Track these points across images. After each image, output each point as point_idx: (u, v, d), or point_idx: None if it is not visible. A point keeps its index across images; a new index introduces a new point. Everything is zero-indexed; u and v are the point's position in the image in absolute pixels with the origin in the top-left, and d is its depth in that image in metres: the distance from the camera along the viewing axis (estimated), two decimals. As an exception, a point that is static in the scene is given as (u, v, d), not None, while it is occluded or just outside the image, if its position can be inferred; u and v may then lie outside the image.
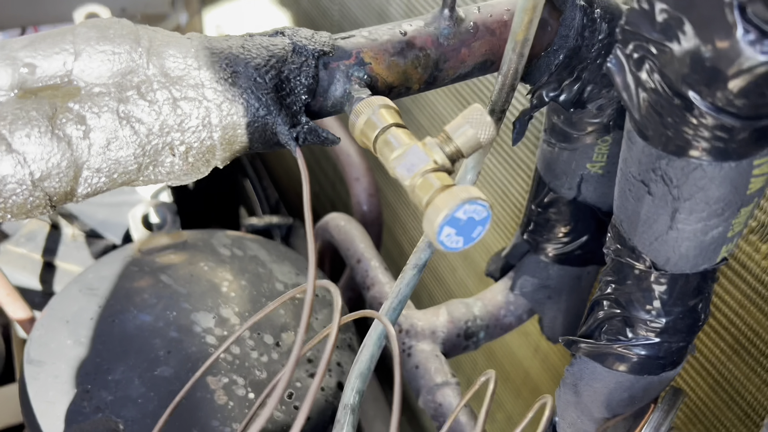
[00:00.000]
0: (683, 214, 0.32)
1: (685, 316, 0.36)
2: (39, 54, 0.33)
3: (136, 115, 0.34)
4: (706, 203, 0.31)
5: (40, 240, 0.85)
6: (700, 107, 0.28)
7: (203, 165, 0.37)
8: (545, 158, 0.55)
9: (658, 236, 0.33)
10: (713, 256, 0.33)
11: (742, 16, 0.25)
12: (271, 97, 0.36)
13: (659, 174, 0.31)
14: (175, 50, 0.35)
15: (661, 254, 0.34)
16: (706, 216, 0.31)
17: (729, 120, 0.28)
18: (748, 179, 0.30)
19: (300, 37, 0.38)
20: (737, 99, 0.27)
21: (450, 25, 0.41)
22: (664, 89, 0.29)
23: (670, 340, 0.37)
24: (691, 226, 0.32)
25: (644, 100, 0.30)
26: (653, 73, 0.29)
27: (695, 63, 0.27)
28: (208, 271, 0.63)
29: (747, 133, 0.28)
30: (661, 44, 0.28)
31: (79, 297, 0.60)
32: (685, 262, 0.34)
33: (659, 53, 0.28)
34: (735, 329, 0.56)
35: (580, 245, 0.58)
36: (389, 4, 0.96)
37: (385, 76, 0.40)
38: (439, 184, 0.31)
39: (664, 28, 0.28)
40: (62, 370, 0.55)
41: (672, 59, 0.28)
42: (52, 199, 0.34)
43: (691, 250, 0.33)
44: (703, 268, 0.34)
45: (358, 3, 1.05)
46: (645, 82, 0.30)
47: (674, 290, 0.35)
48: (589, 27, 0.43)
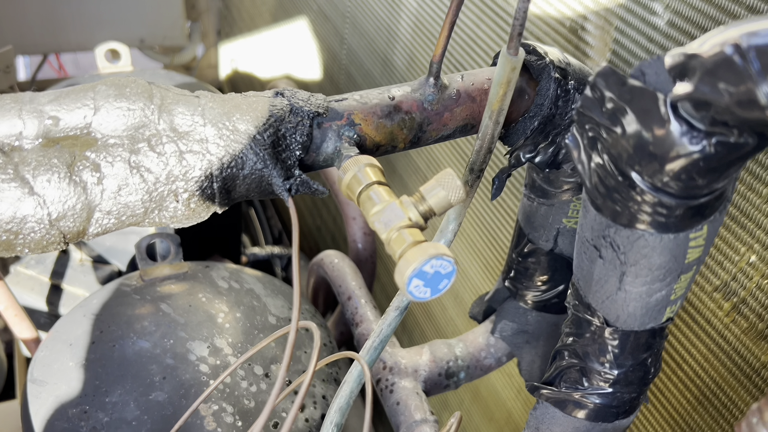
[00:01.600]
0: (630, 278, 0.35)
1: (636, 369, 0.39)
2: (63, 108, 0.37)
3: (145, 165, 0.38)
4: (649, 269, 0.34)
5: (49, 263, 0.89)
6: (641, 186, 0.32)
7: (204, 210, 0.41)
8: (525, 211, 0.58)
9: (608, 296, 0.37)
10: (659, 315, 0.37)
11: (673, 112, 0.29)
12: (268, 152, 0.40)
13: (608, 240, 0.35)
14: (184, 108, 0.39)
15: (611, 312, 0.37)
16: (649, 280, 0.35)
17: (666, 198, 0.31)
18: (686, 249, 0.33)
19: (297, 99, 0.42)
20: (672, 181, 0.31)
21: (434, 91, 0.45)
22: (611, 168, 0.33)
23: (622, 390, 0.40)
24: (636, 289, 0.35)
25: (595, 175, 0.34)
26: (602, 152, 0.33)
27: (637, 147, 0.31)
28: (206, 302, 0.66)
29: (682, 210, 0.32)
30: (609, 128, 0.32)
31: (82, 321, 0.64)
32: (633, 320, 0.37)
33: (607, 136, 0.32)
34: (700, 381, 0.59)
35: (557, 294, 0.62)
36: (393, 53, 1.01)
37: (373, 136, 0.44)
38: (411, 240, 0.35)
39: (611, 114, 0.32)
40: (63, 390, 0.58)
41: (618, 142, 0.32)
42: (65, 237, 0.38)
43: (638, 309, 0.36)
44: (650, 327, 0.37)
45: (365, 50, 1.10)
46: (595, 159, 0.33)
47: (626, 345, 0.39)
48: (563, 97, 0.47)
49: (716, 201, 0.32)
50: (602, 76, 0.32)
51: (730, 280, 0.53)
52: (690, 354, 0.59)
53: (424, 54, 0.92)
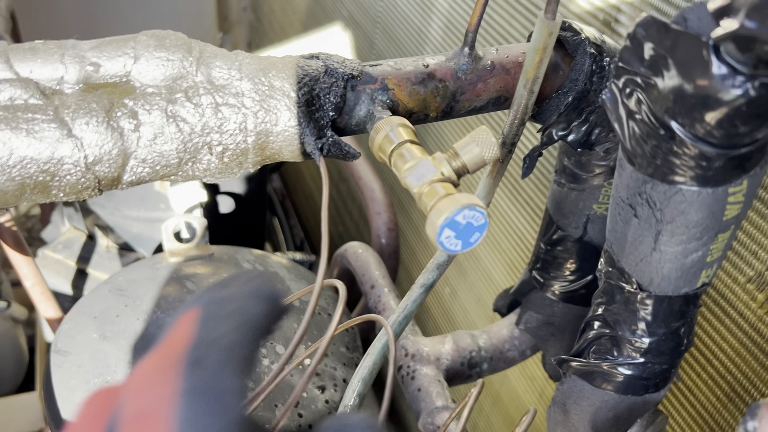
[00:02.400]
0: (665, 237, 0.34)
1: (668, 338, 0.39)
2: (104, 55, 0.38)
3: (181, 115, 0.38)
4: (685, 227, 0.34)
5: (76, 248, 0.90)
6: (681, 136, 0.31)
7: (236, 166, 0.41)
8: (555, 197, 0.58)
9: (643, 257, 0.36)
10: (694, 279, 0.36)
11: (716, 55, 0.29)
12: (302, 110, 0.40)
13: (644, 197, 0.34)
14: (222, 62, 0.40)
15: (645, 275, 0.37)
16: (686, 239, 0.34)
17: (707, 148, 0.31)
18: (724, 205, 0.33)
19: (332, 61, 0.42)
20: (714, 129, 0.30)
21: (469, 61, 0.45)
22: (651, 119, 0.32)
23: (653, 361, 0.39)
24: (672, 248, 0.35)
25: (633, 129, 0.33)
26: (641, 104, 0.33)
27: (677, 96, 0.31)
28: (230, 282, 0.66)
29: (722, 162, 0.31)
30: (648, 78, 0.32)
31: (108, 296, 0.64)
32: (668, 284, 0.36)
33: (646, 87, 0.32)
34: (731, 377, 0.57)
35: (585, 284, 0.61)
36: (423, 54, 1.01)
37: (406, 102, 0.44)
38: (443, 192, 0.35)
39: (651, 64, 0.31)
40: (85, 361, 0.58)
41: (657, 92, 0.31)
42: (100, 182, 0.38)
43: (673, 271, 0.36)
44: (685, 292, 0.37)
45: (394, 54, 1.11)
46: (634, 112, 0.33)
47: (659, 312, 0.38)
48: (598, 73, 0.47)
49: (757, 153, 0.31)
50: (643, 25, 0.32)
51: (765, 271, 0.52)
52: (721, 348, 0.57)
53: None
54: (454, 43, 0.92)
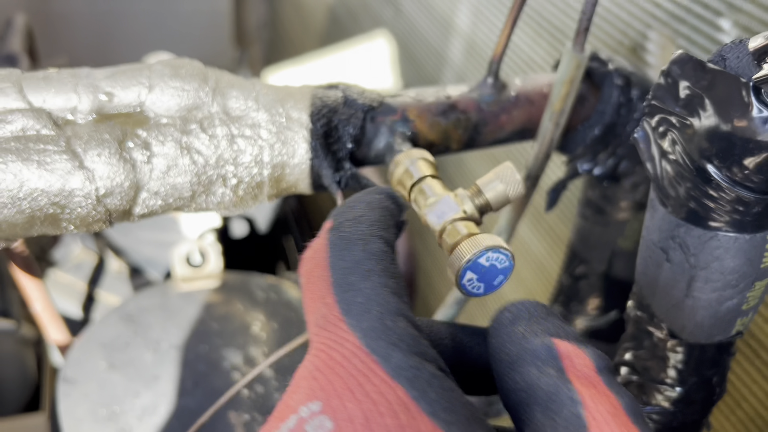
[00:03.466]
0: (699, 283, 0.33)
1: (700, 387, 0.37)
2: (118, 85, 0.37)
3: (196, 147, 0.37)
4: (721, 273, 0.32)
5: (87, 270, 0.89)
6: (718, 180, 0.30)
7: (251, 199, 0.40)
8: (579, 231, 0.56)
9: (675, 303, 0.34)
10: (728, 327, 0.34)
11: (757, 97, 0.27)
12: (320, 142, 0.39)
13: (677, 242, 0.33)
14: (238, 92, 0.39)
15: (677, 321, 0.35)
16: (721, 286, 0.32)
17: (745, 193, 0.29)
18: (762, 252, 0.31)
19: (352, 92, 0.41)
20: (753, 174, 0.29)
21: (492, 92, 0.43)
22: (685, 161, 0.31)
23: (684, 410, 0.37)
24: (706, 295, 0.33)
25: (666, 170, 0.32)
26: (675, 145, 0.31)
27: (714, 138, 0.29)
28: (242, 310, 0.65)
29: (761, 207, 0.30)
30: (684, 119, 0.30)
31: (117, 323, 0.63)
32: (701, 332, 0.34)
33: (681, 127, 0.30)
34: (761, 421, 0.55)
35: (608, 321, 0.59)
36: (443, 78, 1.00)
37: (427, 134, 0.42)
38: (466, 232, 0.33)
39: (687, 104, 0.30)
40: (93, 390, 0.57)
41: (693, 133, 0.30)
42: (111, 216, 0.37)
43: (706, 319, 0.34)
44: (718, 340, 0.35)
45: (413, 76, 1.10)
46: (667, 153, 0.32)
47: (690, 360, 0.36)
48: (626, 105, 0.45)
49: (800, 199, 0.30)
50: (678, 62, 0.30)
51: (796, 310, 0.50)
52: (751, 391, 0.55)
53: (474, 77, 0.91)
54: (474, 64, 0.91)
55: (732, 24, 0.52)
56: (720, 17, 0.53)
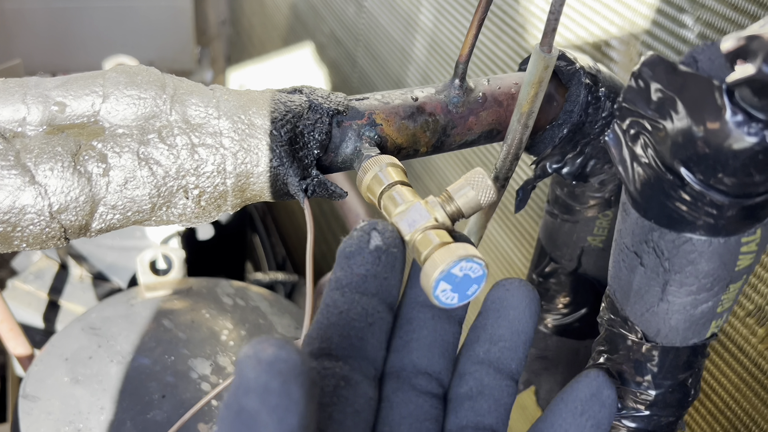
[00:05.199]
0: (674, 287, 0.32)
1: (675, 390, 0.36)
2: (70, 94, 0.35)
3: (155, 158, 0.36)
4: (695, 277, 0.32)
5: (47, 279, 0.86)
6: (691, 183, 0.29)
7: (214, 209, 0.38)
8: (547, 229, 0.56)
9: (649, 307, 0.34)
10: (703, 330, 0.34)
11: (729, 100, 0.27)
12: (284, 149, 0.38)
13: (651, 246, 0.32)
14: (198, 99, 0.37)
15: (652, 326, 0.35)
16: (695, 290, 0.32)
17: (718, 197, 0.29)
18: (737, 256, 0.31)
19: (317, 96, 0.40)
20: (726, 177, 0.28)
21: (459, 94, 0.43)
22: (657, 164, 0.30)
23: (659, 413, 0.37)
24: (681, 299, 0.33)
25: (638, 173, 0.31)
26: (647, 148, 0.31)
27: (687, 141, 0.29)
28: (210, 318, 0.63)
29: (735, 211, 0.29)
30: (655, 121, 0.30)
31: (80, 336, 0.61)
32: (675, 335, 0.34)
33: (653, 130, 0.30)
34: (730, 413, 0.55)
35: (578, 318, 0.59)
36: (406, 75, 0.99)
37: (395, 138, 0.41)
38: (438, 241, 0.32)
39: (658, 106, 0.29)
40: (56, 407, 0.55)
41: (665, 136, 0.29)
42: (66, 232, 0.35)
43: (681, 323, 0.34)
44: (693, 343, 0.35)
45: (377, 73, 1.09)
46: (639, 156, 0.31)
47: (665, 363, 0.36)
48: (593, 104, 0.45)
49: (773, 201, 0.29)
50: (648, 64, 0.30)
51: (765, 305, 0.50)
52: (720, 384, 0.56)
53: (438, 75, 0.90)
54: (439, 61, 0.90)
55: (694, 20, 0.52)
56: (683, 13, 0.53)
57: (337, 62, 1.25)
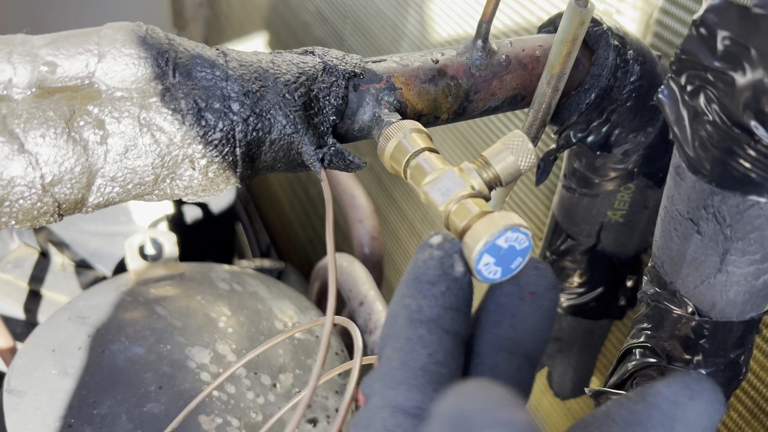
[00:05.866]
0: (734, 256, 0.30)
1: (727, 369, 0.34)
2: (61, 53, 0.32)
3: (157, 123, 0.32)
4: (760, 245, 0.29)
5: (27, 267, 0.82)
6: (763, 139, 0.26)
7: (223, 182, 0.35)
8: (564, 204, 0.53)
9: (704, 279, 0.31)
10: (762, 303, 0.32)
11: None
12: (299, 114, 0.35)
13: (711, 212, 0.30)
14: (203, 60, 0.34)
15: (706, 299, 0.32)
16: (759, 258, 0.30)
17: (792, 154, 0.26)
18: (807, 220, 0.28)
19: (331, 57, 0.37)
20: (802, 131, 0.26)
21: (482, 56, 0.39)
22: (723, 119, 0.27)
23: (708, 393, 0.34)
24: (742, 269, 0.30)
25: (698, 131, 0.29)
26: (711, 103, 0.28)
27: (759, 91, 0.26)
28: (206, 304, 0.60)
29: (810, 170, 0.27)
30: (723, 73, 0.27)
31: (67, 325, 0.57)
32: (732, 309, 0.32)
33: (719, 82, 0.27)
34: (755, 392, 0.53)
35: (594, 297, 0.56)
36: (399, 51, 0.96)
37: (415, 103, 0.38)
38: (478, 210, 0.29)
39: (726, 56, 0.27)
40: (44, 402, 0.51)
41: (734, 88, 0.27)
42: (61, 207, 0.32)
43: (740, 295, 0.31)
44: (750, 317, 0.32)
45: (367, 50, 1.05)
46: (701, 112, 0.28)
47: (716, 340, 0.33)
48: (622, 68, 0.42)
49: None
50: (714, 10, 0.27)
51: (794, 278, 0.48)
52: (743, 362, 0.54)
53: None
54: (433, 37, 0.87)
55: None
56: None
57: (324, 41, 1.20)
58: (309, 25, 1.27)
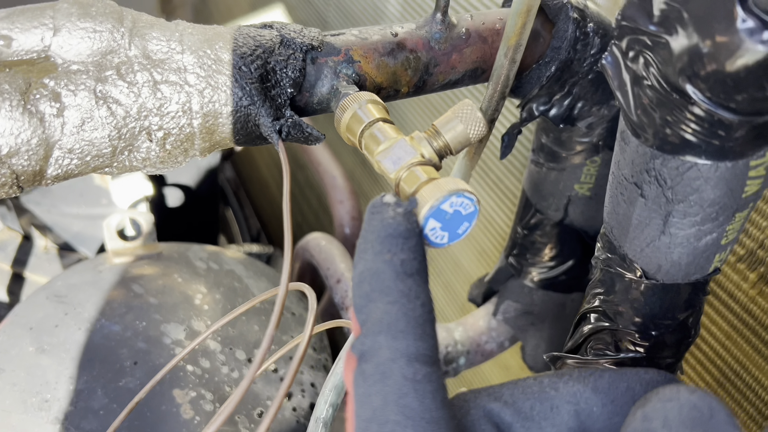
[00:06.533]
0: (676, 218, 0.31)
1: (675, 330, 0.35)
2: (16, 27, 0.32)
3: (113, 96, 0.33)
4: (700, 206, 0.30)
5: (10, 250, 0.83)
6: (699, 102, 0.27)
7: (181, 154, 0.35)
8: (532, 178, 0.54)
9: (650, 242, 0.32)
10: (706, 264, 0.32)
11: (742, 6, 0.25)
12: (255, 87, 0.35)
13: (653, 175, 0.30)
14: (159, 33, 0.34)
15: (652, 261, 0.33)
16: (699, 220, 0.30)
17: (727, 115, 0.27)
18: (744, 181, 0.29)
19: (288, 30, 0.37)
20: (736, 93, 0.26)
21: (442, 29, 0.40)
22: (661, 84, 0.28)
23: (658, 355, 0.35)
24: (684, 231, 0.31)
25: (639, 96, 0.29)
26: (649, 67, 0.28)
27: (694, 56, 0.26)
28: (182, 282, 0.61)
29: (744, 131, 0.27)
30: (659, 37, 0.27)
31: (45, 304, 0.58)
32: (677, 271, 0.32)
33: (656, 47, 0.28)
34: (721, 361, 0.54)
35: (565, 270, 0.57)
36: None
37: (374, 76, 0.39)
38: (426, 177, 0.30)
39: (662, 20, 0.27)
40: (21, 378, 0.52)
41: (670, 53, 0.27)
42: (19, 179, 0.32)
43: (683, 257, 0.32)
44: (695, 279, 0.33)
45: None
46: (641, 77, 0.29)
47: (664, 302, 0.34)
48: (582, 40, 0.43)
49: (784, 120, 0.27)
50: (651, -24, 0.27)
51: (757, 248, 0.49)
52: (709, 332, 0.54)
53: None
54: (413, 17, 0.87)
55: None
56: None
57: (308, 23, 1.21)
58: (293, 8, 1.27)
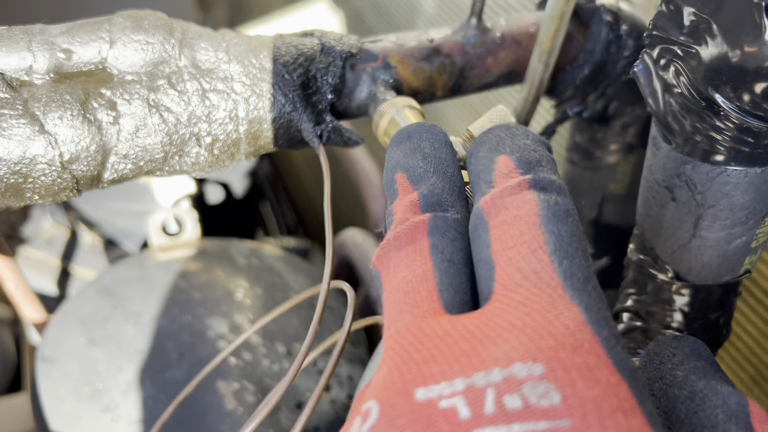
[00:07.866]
0: (707, 222, 0.31)
1: (707, 330, 0.36)
2: (76, 41, 0.34)
3: (165, 104, 0.35)
4: (730, 210, 0.30)
5: (59, 245, 0.86)
6: (727, 111, 0.28)
7: (228, 158, 0.37)
8: (566, 177, 0.55)
9: (681, 244, 0.33)
10: (736, 267, 0.33)
11: (770, 17, 0.25)
12: (297, 94, 0.37)
13: (683, 180, 0.31)
14: (207, 43, 0.36)
15: (683, 263, 0.33)
16: (729, 224, 0.31)
17: (755, 123, 0.28)
18: (774, 186, 0.30)
19: (328, 39, 0.39)
20: (764, 102, 0.27)
21: (476, 34, 0.41)
22: (691, 92, 0.29)
23: (689, 354, 0.36)
24: (714, 234, 0.32)
25: (670, 104, 0.30)
26: (680, 76, 0.29)
27: (722, 65, 0.27)
28: (224, 278, 0.63)
29: (773, 138, 0.28)
30: (688, 47, 0.28)
31: (95, 298, 0.60)
32: (708, 273, 0.33)
33: (686, 56, 0.29)
34: (756, 360, 0.55)
35: (599, 268, 0.58)
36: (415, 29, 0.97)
37: (411, 81, 0.40)
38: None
39: (692, 31, 0.28)
40: (74, 368, 0.55)
41: (699, 62, 0.28)
42: (79, 183, 0.34)
43: (714, 259, 0.32)
44: (726, 280, 0.34)
45: (384, 30, 1.07)
46: (671, 85, 0.30)
47: (696, 302, 0.35)
48: (615, 43, 0.43)
49: (813, 127, 0.28)
50: (682, -13, 0.28)
51: (792, 247, 0.49)
52: (744, 330, 0.55)
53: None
54: (448, 13, 0.88)
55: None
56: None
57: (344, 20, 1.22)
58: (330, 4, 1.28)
